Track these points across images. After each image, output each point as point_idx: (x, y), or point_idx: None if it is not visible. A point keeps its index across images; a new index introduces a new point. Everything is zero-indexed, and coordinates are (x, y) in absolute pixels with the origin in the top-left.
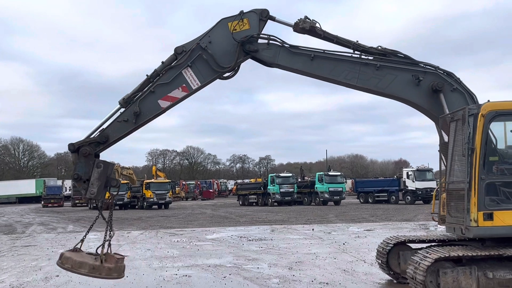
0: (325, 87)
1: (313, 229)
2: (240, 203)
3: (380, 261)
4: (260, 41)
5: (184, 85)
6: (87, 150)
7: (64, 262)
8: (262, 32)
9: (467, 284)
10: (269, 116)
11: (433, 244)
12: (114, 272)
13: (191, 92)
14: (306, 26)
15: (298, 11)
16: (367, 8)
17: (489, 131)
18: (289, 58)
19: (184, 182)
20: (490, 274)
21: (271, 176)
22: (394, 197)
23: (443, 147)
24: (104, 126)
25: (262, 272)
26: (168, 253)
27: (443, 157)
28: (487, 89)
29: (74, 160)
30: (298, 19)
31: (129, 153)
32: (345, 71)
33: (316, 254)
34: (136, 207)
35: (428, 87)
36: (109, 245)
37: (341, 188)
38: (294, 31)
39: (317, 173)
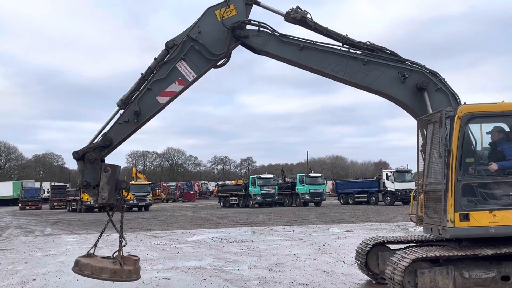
0: (305, 88)
1: (293, 231)
2: (221, 204)
3: (359, 262)
4: (250, 27)
5: (180, 78)
6: (92, 156)
7: (83, 269)
8: (253, 19)
9: (444, 284)
10: (250, 117)
11: (411, 244)
12: (134, 274)
13: (188, 84)
14: (297, 16)
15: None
16: (347, 11)
17: (469, 132)
18: (279, 47)
19: (164, 184)
20: (466, 274)
21: (252, 177)
22: (374, 198)
23: (424, 148)
24: (106, 129)
25: (242, 274)
26: (147, 255)
27: (422, 158)
28: (463, 91)
29: (80, 168)
30: (290, 9)
31: (109, 154)
32: (332, 64)
33: (296, 255)
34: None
35: (413, 85)
36: (121, 249)
37: (322, 190)
38: (285, 20)
39: (298, 175)
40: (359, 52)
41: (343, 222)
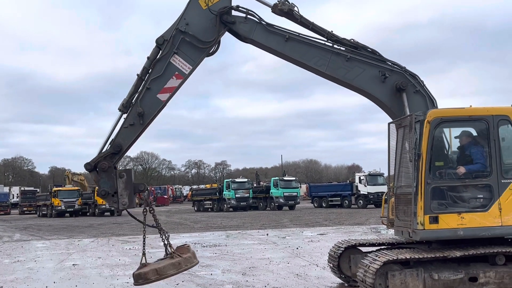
0: (280, 93)
1: (267, 234)
2: (195, 209)
3: (331, 265)
4: (238, 14)
5: (176, 72)
6: (105, 164)
7: (149, 277)
8: (243, 7)
9: (414, 286)
10: (225, 121)
11: (382, 247)
12: (194, 258)
13: (185, 77)
14: (284, 8)
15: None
16: (320, 16)
17: (443, 136)
18: (265, 36)
19: None
20: (436, 276)
21: (226, 181)
22: (347, 201)
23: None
24: (112, 136)
25: (215, 278)
26: (119, 261)
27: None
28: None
29: (95, 178)
30: (277, 1)
31: (80, 158)
32: (316, 57)
33: (270, 259)
34: (88, 214)
35: (392, 85)
36: (170, 244)
37: (296, 193)
38: (272, 12)
39: (272, 178)
40: (343, 48)
41: (317, 225)
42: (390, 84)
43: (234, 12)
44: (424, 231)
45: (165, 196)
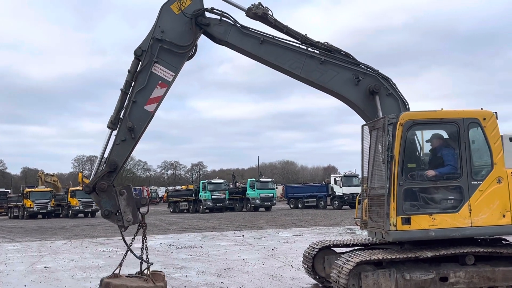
0: (256, 94)
1: (243, 235)
2: (171, 210)
3: (306, 266)
4: (213, 16)
5: (160, 81)
6: (104, 184)
7: None
8: (217, 9)
9: (387, 286)
10: (201, 122)
11: (356, 248)
12: None
13: (169, 85)
14: (259, 12)
15: None
16: (296, 19)
17: (415, 138)
18: (239, 38)
19: None
20: (408, 276)
21: (202, 182)
22: (322, 202)
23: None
24: (105, 154)
25: (190, 280)
26: (93, 263)
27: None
28: (407, 99)
29: (95, 200)
30: (251, 4)
31: (54, 159)
32: (290, 60)
33: (245, 260)
34: (61, 215)
35: (365, 88)
36: (148, 267)
37: (272, 194)
38: (246, 15)
39: (249, 180)
40: (317, 52)
41: (292, 226)
42: (363, 87)
43: (208, 15)
44: (397, 232)
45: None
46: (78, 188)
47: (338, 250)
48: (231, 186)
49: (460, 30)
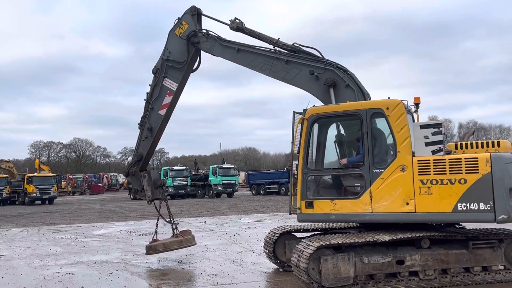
0: (219, 81)
1: (205, 222)
2: (132, 197)
3: (267, 251)
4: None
5: (168, 91)
6: (132, 170)
7: (157, 248)
8: (203, 28)
9: (346, 270)
10: None
11: (316, 233)
12: (192, 240)
13: (175, 93)
14: (234, 26)
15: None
16: (258, 8)
17: (323, 130)
18: (221, 50)
19: (70, 176)
20: (366, 259)
21: (164, 169)
22: (284, 189)
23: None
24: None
25: (150, 267)
26: (50, 250)
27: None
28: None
29: (130, 180)
30: (230, 20)
31: (9, 145)
32: (261, 63)
33: (206, 246)
34: (17, 202)
35: (324, 82)
36: (176, 228)
37: (234, 181)
38: (230, 29)
39: (211, 166)
40: (284, 53)
41: (254, 212)
42: (322, 81)
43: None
44: (301, 214)
45: (100, 184)
46: (35, 174)
47: (298, 235)
48: (193, 172)
49: (416, 21)
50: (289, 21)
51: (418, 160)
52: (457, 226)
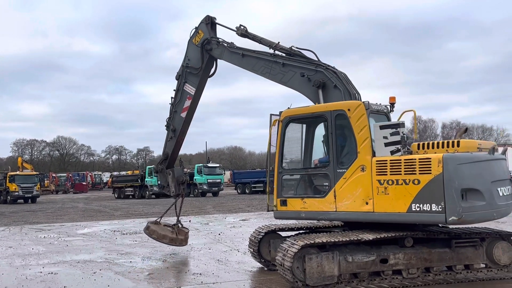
0: None
1: (190, 221)
2: (116, 196)
3: (252, 250)
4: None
5: (188, 96)
6: (159, 167)
7: (152, 233)
8: (214, 36)
9: (330, 268)
10: (148, 107)
11: (301, 232)
12: (184, 241)
13: (193, 97)
14: (239, 32)
15: (176, 7)
16: (244, 7)
17: (297, 132)
18: (230, 56)
19: (54, 175)
20: (350, 258)
21: (149, 168)
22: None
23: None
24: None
25: (134, 266)
26: (32, 250)
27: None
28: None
29: (158, 177)
30: (236, 27)
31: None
32: (262, 67)
33: (191, 245)
34: None
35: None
36: (180, 223)
37: (220, 180)
38: (236, 34)
39: (196, 165)
40: (283, 55)
41: (239, 211)
42: (313, 83)
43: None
44: (277, 212)
45: (84, 183)
46: (18, 172)
47: (283, 234)
48: None
49: (400, 22)
50: (275, 21)
51: (377, 161)
52: (440, 225)
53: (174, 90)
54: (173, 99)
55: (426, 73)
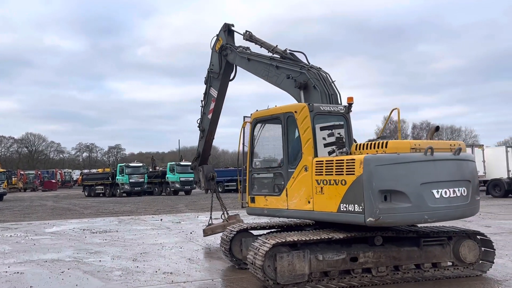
0: (177, 77)
1: (161, 220)
2: (86, 194)
3: (223, 248)
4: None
5: (212, 98)
6: (193, 165)
7: (207, 232)
8: (229, 43)
9: (301, 267)
10: (120, 104)
11: (273, 230)
12: (237, 222)
13: (216, 100)
14: (245, 37)
15: (149, 3)
16: (216, 6)
17: (265, 133)
18: (240, 60)
19: (22, 172)
20: (321, 257)
21: (120, 166)
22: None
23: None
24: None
25: (104, 265)
26: None
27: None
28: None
29: (194, 174)
30: (243, 32)
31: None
32: (262, 70)
33: (162, 244)
34: None
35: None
36: (226, 212)
37: (192, 178)
38: (243, 39)
39: (169, 163)
40: (276, 58)
41: (212, 210)
42: (295, 84)
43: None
44: (248, 208)
45: (53, 181)
46: None
47: (255, 232)
48: (150, 170)
49: (372, 24)
50: (247, 20)
51: (316, 161)
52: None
53: (203, 93)
54: (202, 101)
55: (397, 75)
